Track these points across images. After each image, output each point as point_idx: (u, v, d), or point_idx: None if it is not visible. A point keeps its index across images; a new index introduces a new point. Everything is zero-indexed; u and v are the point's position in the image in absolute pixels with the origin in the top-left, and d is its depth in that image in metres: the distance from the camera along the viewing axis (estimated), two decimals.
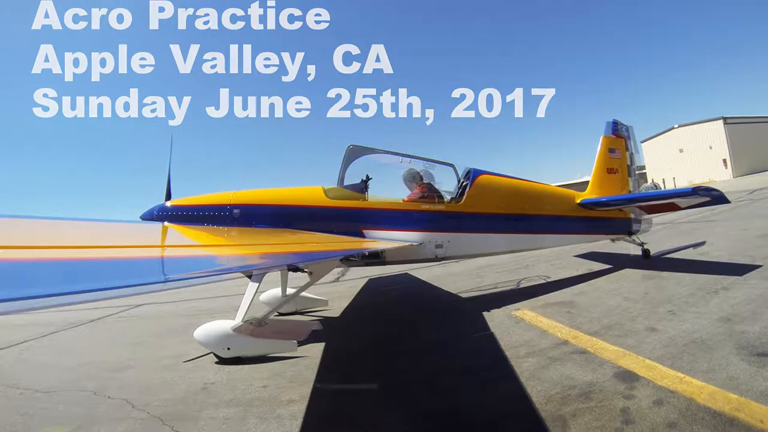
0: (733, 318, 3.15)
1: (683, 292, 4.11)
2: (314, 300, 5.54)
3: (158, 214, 4.43)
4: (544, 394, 2.35)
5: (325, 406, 2.62)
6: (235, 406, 2.70)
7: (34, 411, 2.93)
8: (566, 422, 2.01)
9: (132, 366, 3.85)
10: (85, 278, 1.34)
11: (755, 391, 2.05)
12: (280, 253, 2.91)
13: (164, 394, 3.02)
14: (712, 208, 11.23)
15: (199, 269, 1.86)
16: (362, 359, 3.46)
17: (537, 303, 4.53)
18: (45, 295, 0.97)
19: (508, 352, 3.10)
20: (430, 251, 4.70)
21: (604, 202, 5.78)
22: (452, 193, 5.02)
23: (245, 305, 3.67)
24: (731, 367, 2.34)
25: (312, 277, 4.35)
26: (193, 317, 5.75)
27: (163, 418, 2.60)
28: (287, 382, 3.03)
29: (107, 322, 6.44)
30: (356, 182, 4.82)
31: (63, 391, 3.31)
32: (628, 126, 6.80)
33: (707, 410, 1.94)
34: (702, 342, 2.78)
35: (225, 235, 3.86)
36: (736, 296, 3.69)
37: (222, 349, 3.52)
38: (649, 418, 1.94)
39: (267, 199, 4.57)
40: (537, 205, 5.38)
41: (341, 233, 4.45)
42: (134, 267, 1.70)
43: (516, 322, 3.90)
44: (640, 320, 3.44)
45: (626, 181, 6.58)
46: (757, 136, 34.98)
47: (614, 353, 2.80)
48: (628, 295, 4.32)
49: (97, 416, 2.74)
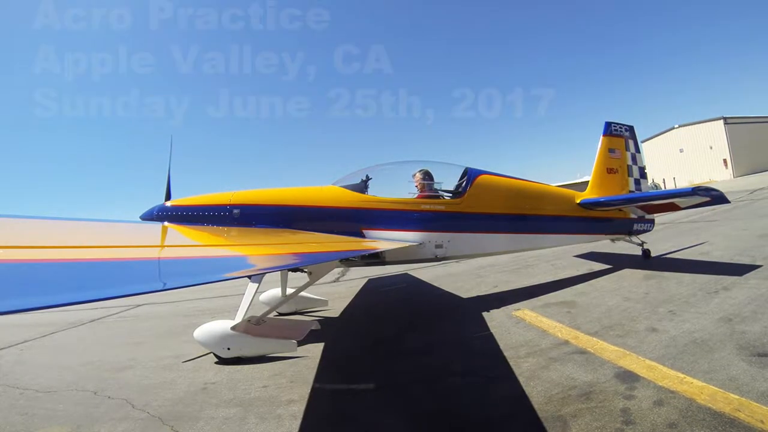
0: (733, 318, 3.14)
1: (684, 292, 4.11)
2: (314, 300, 5.54)
3: (158, 214, 4.42)
4: (544, 394, 2.34)
5: (325, 406, 2.62)
6: (235, 406, 2.69)
7: (34, 411, 2.93)
8: (566, 422, 2.01)
9: (132, 366, 3.85)
10: (85, 281, 1.34)
11: (756, 391, 2.04)
12: (281, 255, 2.90)
13: (164, 394, 3.02)
14: (712, 208, 11.23)
15: (200, 272, 1.86)
16: (362, 359, 3.46)
17: (537, 303, 4.53)
18: (47, 306, 0.97)
19: (509, 353, 3.10)
20: (430, 251, 4.70)
21: (603, 202, 5.78)
22: (452, 193, 5.02)
23: (245, 305, 3.67)
24: (732, 368, 2.33)
25: (312, 277, 4.35)
26: (193, 317, 5.75)
27: (163, 418, 2.60)
28: (287, 382, 3.03)
29: (107, 322, 6.44)
30: (356, 182, 4.81)
31: (63, 391, 3.31)
32: (629, 126, 6.79)
33: (708, 411, 1.93)
34: (703, 342, 2.78)
35: (225, 235, 3.85)
36: (736, 296, 3.69)
37: (222, 349, 3.52)
38: (650, 419, 1.94)
39: (267, 198, 4.57)
40: (537, 205, 5.38)
41: (341, 233, 4.44)
42: (134, 268, 1.70)
43: (516, 323, 3.90)
44: (641, 320, 3.44)
45: (626, 181, 6.58)
46: (757, 136, 34.95)
47: (615, 353, 2.79)
48: (628, 295, 4.32)
49: (97, 416, 2.74)
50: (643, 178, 6.85)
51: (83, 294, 1.11)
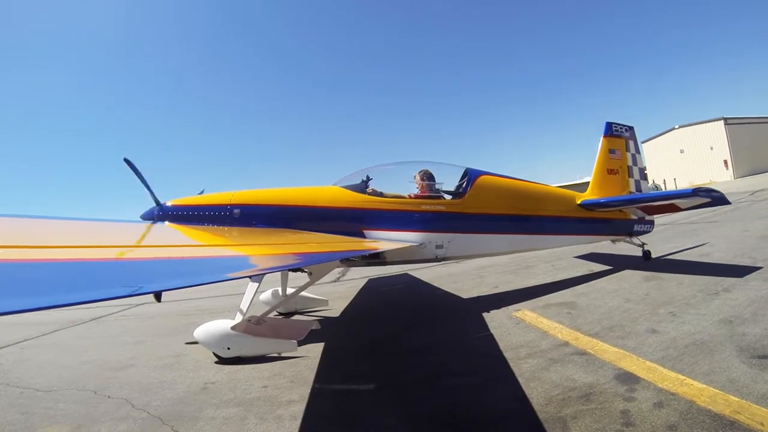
0: (734, 320, 3.14)
1: (684, 294, 4.11)
2: (314, 300, 5.54)
3: (158, 214, 4.42)
4: (544, 395, 2.34)
5: (325, 407, 2.62)
6: (236, 406, 2.69)
7: (34, 410, 2.94)
8: (566, 424, 2.01)
9: (132, 365, 3.85)
10: (85, 281, 1.33)
11: (756, 393, 2.04)
12: (282, 255, 2.90)
13: (164, 394, 3.02)
14: (713, 210, 11.22)
15: (201, 272, 1.85)
16: (362, 359, 3.46)
17: (537, 304, 4.53)
18: (47, 307, 0.98)
19: (509, 353, 3.10)
20: (431, 252, 4.70)
21: (604, 203, 5.78)
22: (453, 193, 5.01)
23: (245, 305, 3.67)
24: (732, 370, 2.33)
25: (312, 277, 4.35)
26: (194, 316, 5.75)
27: (163, 418, 2.60)
28: (287, 382, 3.03)
29: (108, 321, 6.44)
30: (357, 182, 4.81)
31: (63, 390, 3.32)
32: (629, 126, 6.79)
33: (708, 413, 1.93)
34: (703, 344, 2.78)
35: (225, 235, 3.85)
36: (736, 298, 3.69)
37: (222, 349, 3.52)
38: (650, 421, 1.94)
39: (267, 198, 4.56)
40: (537, 206, 5.38)
41: (342, 233, 4.44)
42: (134, 268, 1.70)
43: (516, 323, 3.89)
44: (641, 322, 3.44)
45: (626, 181, 6.58)
46: (758, 137, 34.94)
47: (615, 355, 2.79)
48: (628, 297, 4.31)
49: (97, 416, 2.74)
50: (644, 179, 6.86)
51: (83, 294, 1.11)
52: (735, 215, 10.22)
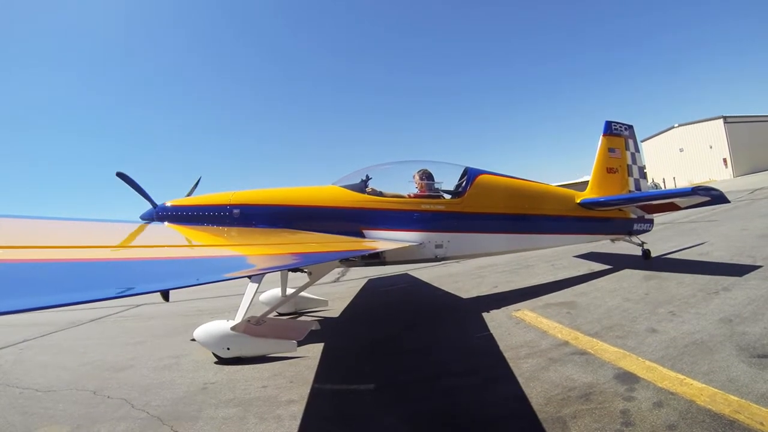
0: (733, 319, 3.14)
1: (684, 293, 4.11)
2: (314, 300, 5.54)
3: (158, 214, 4.42)
4: (544, 395, 2.34)
5: (325, 407, 2.62)
6: (235, 406, 2.69)
7: (34, 410, 2.94)
8: (566, 424, 2.01)
9: (132, 366, 3.85)
10: (84, 281, 1.33)
11: (756, 393, 2.04)
12: (281, 255, 2.90)
13: (164, 394, 3.02)
14: (712, 208, 11.24)
15: (200, 272, 1.85)
16: (362, 359, 3.46)
17: (537, 303, 4.53)
18: (45, 307, 0.97)
19: (509, 353, 3.10)
20: (430, 251, 4.69)
21: (603, 202, 5.77)
22: (452, 193, 5.01)
23: (245, 305, 3.67)
24: (732, 369, 2.33)
25: (312, 277, 4.34)
26: (193, 317, 5.75)
27: (163, 418, 2.60)
28: (287, 382, 3.03)
29: (107, 322, 6.44)
30: (356, 182, 4.81)
31: (62, 390, 3.32)
32: (629, 125, 6.78)
33: (707, 412, 1.93)
34: (702, 343, 2.78)
35: (225, 235, 3.85)
36: (736, 297, 3.69)
37: (222, 349, 3.52)
38: (649, 420, 1.94)
39: (267, 198, 4.56)
40: (537, 205, 5.38)
41: (341, 233, 4.43)
42: (134, 268, 1.69)
43: (516, 323, 3.89)
44: (641, 321, 3.44)
45: (626, 180, 6.57)
46: (757, 136, 34.95)
47: (614, 354, 2.79)
48: (628, 296, 4.32)
49: (97, 416, 2.74)
50: (643, 177, 6.85)
51: (83, 294, 1.10)
52: (734, 214, 10.22)
